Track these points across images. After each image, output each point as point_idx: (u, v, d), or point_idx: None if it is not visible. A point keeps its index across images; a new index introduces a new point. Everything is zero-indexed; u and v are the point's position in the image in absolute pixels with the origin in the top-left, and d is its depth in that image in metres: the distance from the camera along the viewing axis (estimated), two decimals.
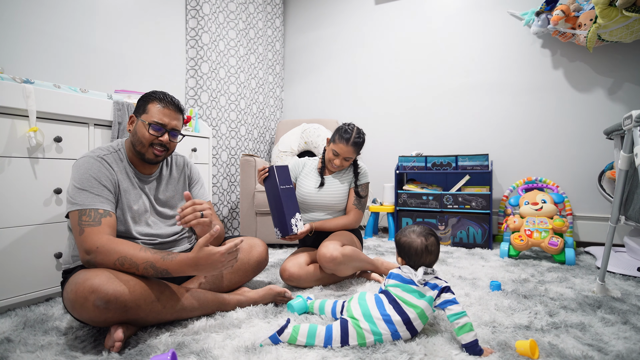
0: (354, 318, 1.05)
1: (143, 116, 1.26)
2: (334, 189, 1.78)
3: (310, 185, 1.79)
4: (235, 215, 2.99)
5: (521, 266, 1.95)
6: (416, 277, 1.08)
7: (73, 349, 1.05)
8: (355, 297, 1.14)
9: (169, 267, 1.07)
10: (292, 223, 1.54)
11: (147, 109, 1.26)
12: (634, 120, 1.30)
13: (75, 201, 1.13)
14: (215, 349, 1.01)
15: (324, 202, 1.77)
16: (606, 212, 2.48)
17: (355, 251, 1.61)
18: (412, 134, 3.09)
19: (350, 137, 1.66)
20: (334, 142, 1.70)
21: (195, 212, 1.14)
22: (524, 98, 2.70)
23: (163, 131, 1.26)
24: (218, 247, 1.09)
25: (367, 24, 3.27)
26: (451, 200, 2.55)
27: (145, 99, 1.28)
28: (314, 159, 1.90)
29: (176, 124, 1.29)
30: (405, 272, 1.12)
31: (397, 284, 1.11)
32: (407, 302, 1.06)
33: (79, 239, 1.09)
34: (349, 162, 1.73)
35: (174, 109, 1.28)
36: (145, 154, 1.26)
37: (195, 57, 2.69)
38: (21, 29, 1.77)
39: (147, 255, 1.07)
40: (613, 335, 1.11)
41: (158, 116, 1.24)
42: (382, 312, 1.05)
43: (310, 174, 1.83)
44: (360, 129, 1.73)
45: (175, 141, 1.31)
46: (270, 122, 3.49)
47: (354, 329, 1.03)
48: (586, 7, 2.32)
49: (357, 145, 1.69)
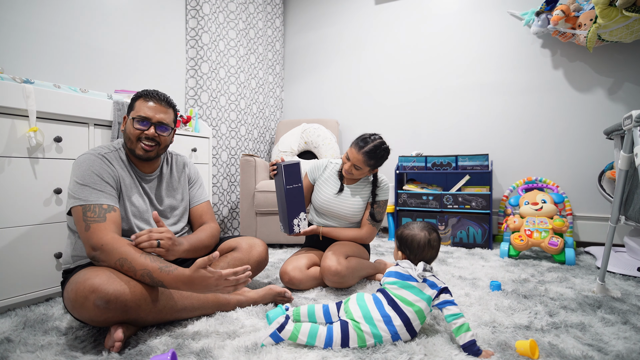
0: (354, 320, 1.05)
1: (131, 113, 1.28)
2: (352, 200, 1.70)
3: (328, 192, 1.73)
4: (235, 215, 2.99)
5: (521, 266, 1.95)
6: (416, 272, 1.09)
7: (73, 349, 1.05)
8: (353, 298, 1.13)
9: (164, 280, 1.06)
10: (294, 223, 1.53)
11: (134, 106, 1.29)
12: (634, 120, 1.30)
13: (78, 196, 1.12)
14: (215, 349, 1.01)
15: (340, 212, 1.70)
16: (606, 212, 2.48)
17: (360, 262, 1.59)
18: (412, 133, 3.09)
19: (365, 146, 1.58)
20: (350, 146, 1.64)
21: (150, 240, 1.12)
22: (524, 98, 2.70)
23: (148, 125, 1.26)
24: (216, 270, 1.08)
25: (367, 24, 3.27)
26: (451, 200, 2.55)
27: (134, 98, 1.31)
28: (337, 161, 1.82)
29: (162, 117, 1.28)
30: (405, 267, 1.13)
31: (395, 281, 1.11)
32: (405, 301, 1.06)
33: (85, 234, 1.09)
34: (359, 172, 1.62)
35: (158, 103, 1.28)
36: (135, 149, 1.27)
37: (195, 57, 2.69)
38: (21, 29, 1.77)
39: (146, 262, 1.06)
40: (613, 335, 1.11)
41: (142, 110, 1.26)
42: (382, 313, 1.05)
43: (330, 178, 1.76)
44: (384, 144, 1.62)
45: (165, 135, 1.29)
46: (270, 122, 3.49)
47: (354, 332, 1.03)
48: (586, 7, 2.32)
49: (369, 156, 1.58)
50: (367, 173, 1.67)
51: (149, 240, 1.12)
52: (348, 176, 1.68)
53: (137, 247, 1.11)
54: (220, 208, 2.83)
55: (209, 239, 1.37)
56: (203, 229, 1.41)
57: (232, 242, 1.48)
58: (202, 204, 1.50)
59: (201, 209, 1.49)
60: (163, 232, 1.16)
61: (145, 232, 1.13)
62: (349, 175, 1.67)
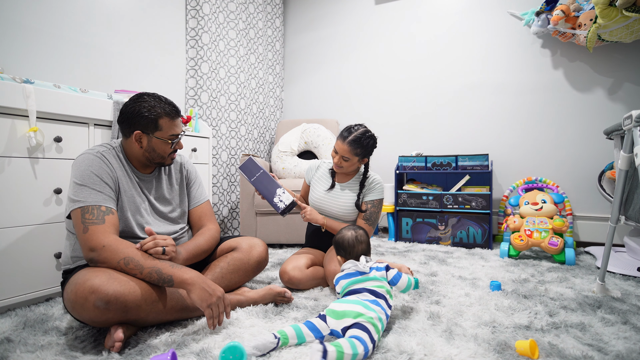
0: (330, 310, 1.08)
1: (157, 133, 1.27)
2: (343, 197, 1.70)
3: (320, 189, 1.74)
4: (235, 215, 2.99)
5: (521, 266, 1.95)
6: (361, 265, 1.23)
7: (73, 349, 1.05)
8: (332, 304, 1.13)
9: (174, 274, 1.08)
10: (275, 202, 1.57)
11: (158, 125, 1.26)
12: (634, 120, 1.30)
13: (77, 198, 1.12)
14: (215, 349, 1.01)
15: (332, 209, 1.69)
16: (606, 212, 2.48)
17: None
18: (412, 133, 3.09)
19: (349, 135, 1.59)
20: (336, 139, 1.65)
21: (156, 247, 1.13)
22: (524, 98, 2.70)
23: (179, 138, 1.33)
24: (222, 290, 1.13)
25: (367, 24, 3.27)
26: (451, 200, 2.55)
27: (150, 115, 1.24)
28: (330, 160, 1.83)
29: (182, 127, 1.36)
30: (350, 267, 1.24)
31: (352, 281, 1.19)
32: (374, 286, 1.16)
33: (83, 236, 1.08)
34: (349, 163, 1.62)
35: (179, 116, 1.33)
36: (165, 162, 1.34)
37: (195, 57, 2.69)
38: (21, 29, 1.77)
39: (154, 261, 1.10)
40: (613, 335, 1.11)
41: (173, 129, 1.30)
42: (364, 301, 1.10)
43: (323, 177, 1.78)
44: (369, 132, 1.62)
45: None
46: (270, 122, 3.49)
47: (329, 317, 1.06)
48: (586, 7, 2.32)
49: (354, 145, 1.58)
50: (357, 164, 1.66)
51: (154, 247, 1.13)
52: (338, 170, 1.68)
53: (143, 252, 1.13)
54: (220, 208, 2.83)
55: (207, 244, 1.37)
56: (202, 232, 1.41)
57: (232, 242, 1.48)
58: (201, 204, 1.50)
59: (201, 210, 1.49)
60: (167, 239, 1.17)
61: (150, 239, 1.14)
62: (339, 170, 1.67)
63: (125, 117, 1.26)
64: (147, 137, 1.26)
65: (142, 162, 1.32)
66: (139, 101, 1.26)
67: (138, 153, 1.29)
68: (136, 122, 1.24)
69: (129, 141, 1.28)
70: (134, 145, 1.27)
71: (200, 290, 1.08)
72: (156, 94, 1.30)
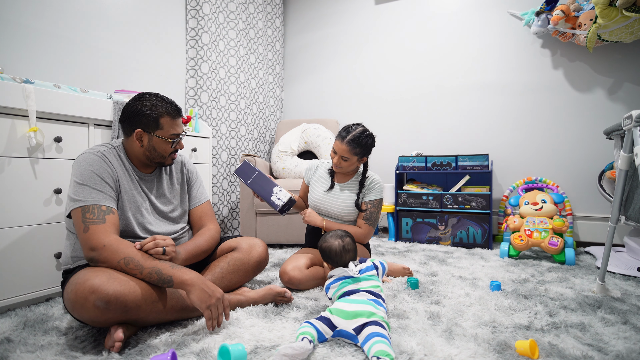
0: (338, 310, 1.09)
1: (158, 132, 1.27)
2: (343, 197, 1.70)
3: (319, 190, 1.74)
4: (235, 215, 2.99)
5: (521, 266, 1.95)
6: (352, 272, 1.23)
7: (73, 349, 1.05)
8: (338, 304, 1.13)
9: (174, 275, 1.08)
10: (272, 200, 1.58)
11: (159, 124, 1.26)
12: (634, 120, 1.30)
13: (77, 198, 1.12)
14: (215, 349, 1.01)
15: (331, 209, 1.70)
16: (606, 212, 2.48)
17: None
18: (412, 133, 3.09)
19: (347, 135, 1.59)
20: (335, 139, 1.66)
21: (156, 248, 1.13)
22: (524, 98, 2.70)
23: (180, 138, 1.33)
24: (221, 291, 1.13)
25: (367, 24, 3.27)
26: (451, 200, 2.55)
27: (151, 114, 1.25)
28: (328, 160, 1.83)
29: (183, 127, 1.36)
30: (340, 273, 1.26)
31: (343, 283, 1.21)
32: (370, 287, 1.19)
33: (83, 236, 1.08)
34: (348, 163, 1.63)
35: (180, 116, 1.33)
36: (166, 162, 1.34)
37: (195, 57, 2.69)
38: (21, 29, 1.77)
39: (155, 262, 1.10)
40: (613, 335, 1.11)
41: (174, 129, 1.30)
42: (369, 301, 1.11)
43: (322, 177, 1.78)
44: (367, 131, 1.63)
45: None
46: (270, 122, 3.49)
47: (337, 317, 1.07)
48: (586, 7, 2.32)
49: (353, 144, 1.59)
50: (356, 163, 1.66)
51: (155, 248, 1.13)
52: (338, 170, 1.68)
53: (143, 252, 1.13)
54: (220, 208, 2.83)
55: (207, 244, 1.37)
56: (201, 233, 1.41)
57: (232, 242, 1.48)
58: (202, 204, 1.50)
59: (201, 210, 1.49)
60: (167, 240, 1.17)
61: (150, 239, 1.14)
62: (338, 170, 1.67)
63: (127, 116, 1.26)
64: (148, 136, 1.26)
65: (142, 162, 1.32)
66: (141, 100, 1.26)
67: (139, 152, 1.29)
68: (137, 120, 1.25)
69: (130, 140, 1.28)
70: (135, 144, 1.27)
71: (200, 291, 1.08)
72: (158, 94, 1.30)
